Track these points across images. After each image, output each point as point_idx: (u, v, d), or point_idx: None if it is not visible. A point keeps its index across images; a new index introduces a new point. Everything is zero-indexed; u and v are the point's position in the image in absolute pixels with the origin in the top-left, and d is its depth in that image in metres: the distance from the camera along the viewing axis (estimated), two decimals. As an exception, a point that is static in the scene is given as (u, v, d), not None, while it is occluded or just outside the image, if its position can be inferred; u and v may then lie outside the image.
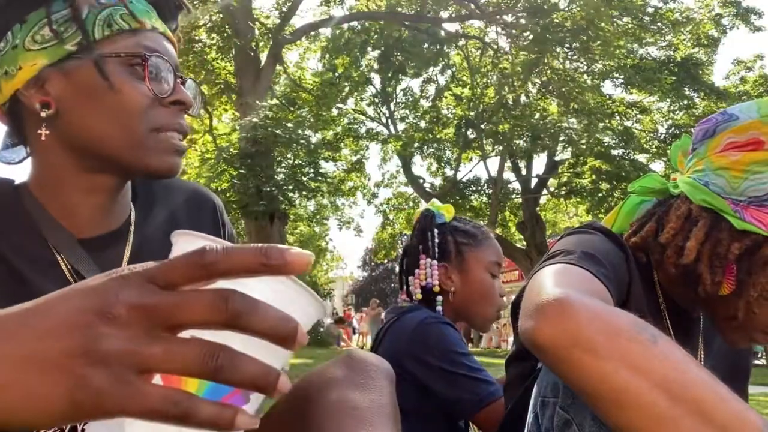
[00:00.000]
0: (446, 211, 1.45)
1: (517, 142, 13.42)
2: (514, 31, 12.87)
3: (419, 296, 1.38)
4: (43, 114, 0.72)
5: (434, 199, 1.54)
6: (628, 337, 0.58)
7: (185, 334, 0.37)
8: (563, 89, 12.57)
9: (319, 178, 12.86)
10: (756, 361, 11.64)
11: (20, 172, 0.80)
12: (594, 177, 13.86)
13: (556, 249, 0.82)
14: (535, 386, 0.79)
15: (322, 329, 14.54)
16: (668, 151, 1.03)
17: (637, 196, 0.97)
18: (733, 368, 1.00)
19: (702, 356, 0.96)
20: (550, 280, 0.67)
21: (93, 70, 0.72)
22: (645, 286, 0.88)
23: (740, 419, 0.55)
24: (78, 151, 0.75)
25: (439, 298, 1.37)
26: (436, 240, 1.40)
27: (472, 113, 13.89)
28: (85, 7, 0.73)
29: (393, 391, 0.73)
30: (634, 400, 0.56)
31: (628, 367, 0.56)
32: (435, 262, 1.37)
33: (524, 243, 15.38)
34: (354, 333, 18.85)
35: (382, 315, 1.49)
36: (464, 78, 15.02)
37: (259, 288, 0.38)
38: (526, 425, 0.78)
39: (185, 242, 0.42)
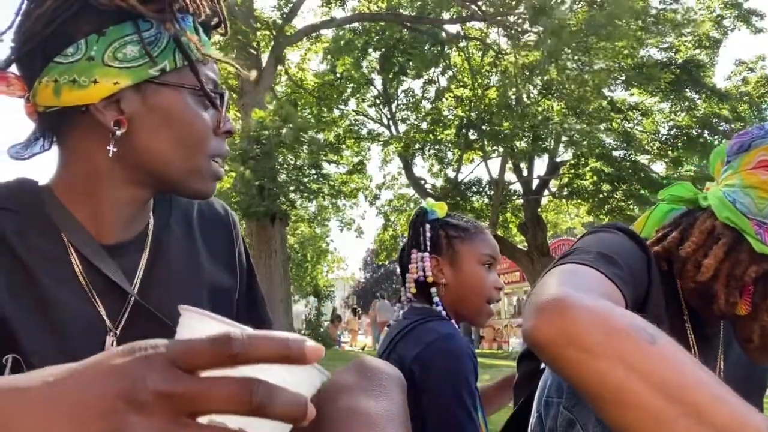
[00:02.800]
0: (438, 208, 1.47)
1: (518, 143, 13.41)
2: (514, 32, 12.87)
3: (413, 290, 1.40)
4: (117, 132, 0.73)
5: (429, 198, 1.58)
6: (624, 335, 0.57)
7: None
8: (564, 90, 12.57)
9: (321, 180, 12.86)
10: None
11: (22, 168, 0.81)
12: (595, 178, 13.84)
13: (574, 247, 0.82)
14: (539, 386, 0.79)
15: (322, 330, 14.53)
16: (669, 152, 1.02)
17: (667, 204, 0.95)
18: (749, 379, 0.99)
19: (721, 366, 0.95)
20: (556, 280, 0.67)
21: (169, 95, 0.75)
22: (667, 292, 0.86)
23: (740, 421, 0.54)
24: (136, 169, 0.77)
25: (434, 290, 1.39)
26: (428, 234, 1.43)
27: (473, 114, 13.88)
28: (171, 31, 0.73)
29: (404, 399, 0.73)
30: (631, 399, 0.55)
31: (624, 366, 0.56)
32: (426, 254, 1.40)
33: (526, 244, 15.36)
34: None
35: (394, 316, 1.48)
36: (465, 79, 15.01)
37: (275, 369, 0.40)
38: (530, 425, 0.78)
39: (196, 321, 0.43)
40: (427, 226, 1.44)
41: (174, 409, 0.37)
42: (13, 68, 0.77)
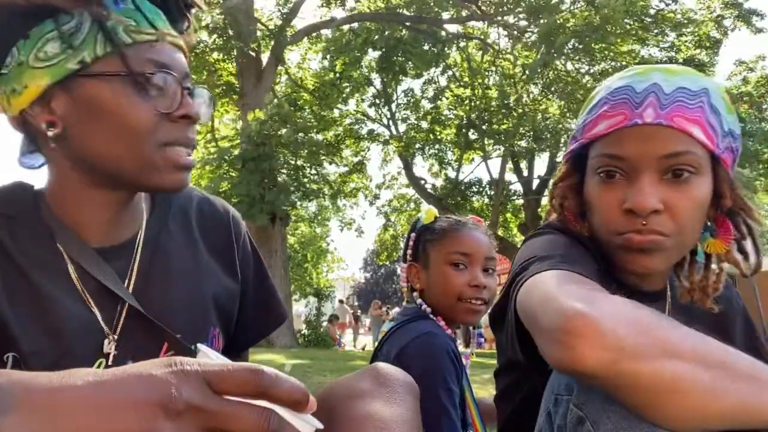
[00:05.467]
0: (426, 214, 1.51)
1: (519, 142, 13.41)
2: (515, 32, 12.87)
3: (406, 295, 1.48)
4: (49, 133, 0.72)
5: (429, 207, 1.62)
6: (654, 326, 0.60)
7: None
8: (565, 90, 12.57)
9: (321, 180, 12.87)
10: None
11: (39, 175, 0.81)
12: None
13: (530, 255, 0.81)
14: (548, 385, 0.79)
15: (322, 330, 14.52)
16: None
17: None
18: None
19: None
20: (555, 293, 0.66)
21: (96, 86, 0.70)
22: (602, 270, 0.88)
23: (755, 366, 0.60)
24: (86, 168, 0.75)
25: (415, 294, 1.45)
26: (410, 243, 1.49)
27: (473, 114, 13.88)
28: (87, 19, 0.70)
29: (417, 406, 0.75)
30: (687, 383, 0.58)
31: (669, 355, 0.58)
32: (404, 264, 1.48)
33: (526, 244, 15.34)
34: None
35: (384, 316, 1.55)
36: (465, 78, 15.02)
37: (280, 410, 0.44)
38: (537, 424, 0.78)
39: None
40: (413, 234, 1.50)
41: (202, 423, 0.41)
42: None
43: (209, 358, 0.47)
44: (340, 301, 19.67)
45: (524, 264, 0.80)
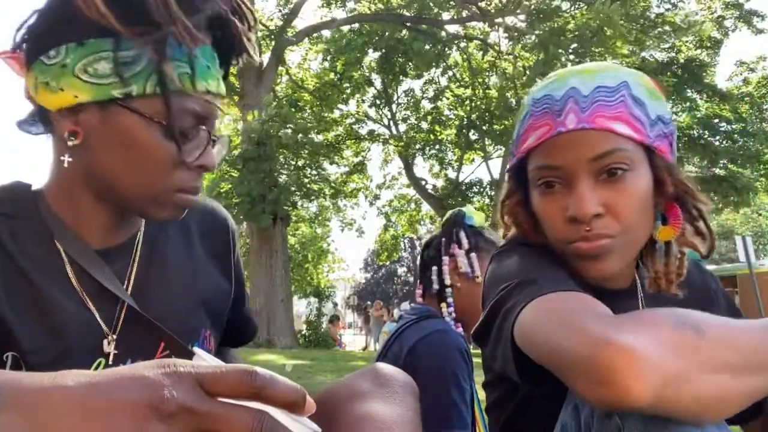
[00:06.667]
0: (476, 216, 1.49)
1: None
2: (516, 34, 12.87)
3: (436, 287, 1.42)
4: (69, 143, 0.72)
5: (469, 206, 1.58)
6: (686, 344, 0.60)
7: None
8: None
9: (320, 181, 12.87)
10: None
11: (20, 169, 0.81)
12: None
13: (509, 277, 0.80)
14: None
15: (322, 330, 14.53)
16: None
17: None
18: None
19: None
20: (575, 323, 0.64)
21: (132, 119, 0.70)
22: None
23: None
24: (91, 180, 0.76)
25: (449, 290, 1.40)
26: (457, 238, 1.44)
27: (474, 114, 13.89)
28: (146, 54, 0.70)
29: (418, 407, 0.75)
30: (731, 395, 0.60)
31: (708, 370, 0.59)
32: (471, 253, 1.42)
33: (526, 245, 15.35)
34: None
35: (385, 317, 1.52)
36: (466, 78, 15.03)
37: (277, 413, 0.43)
38: (561, 418, 0.77)
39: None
40: (458, 230, 1.45)
41: (194, 425, 0.40)
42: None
43: (205, 361, 0.46)
44: (334, 304, 19.65)
45: (508, 288, 0.79)
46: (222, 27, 0.74)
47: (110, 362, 0.76)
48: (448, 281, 1.41)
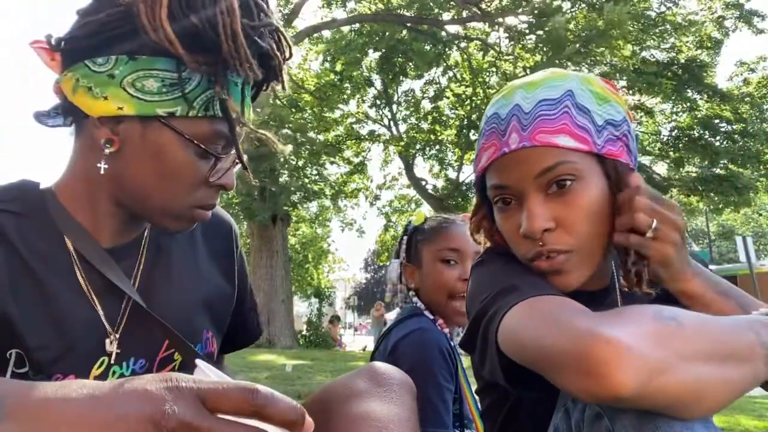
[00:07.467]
0: (416, 216, 1.55)
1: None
2: (517, 35, 12.87)
3: (392, 299, 1.54)
4: (105, 150, 0.73)
5: (419, 209, 1.68)
6: (667, 335, 0.60)
7: None
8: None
9: (321, 181, 12.88)
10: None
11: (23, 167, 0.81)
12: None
13: (491, 288, 0.81)
14: None
15: (323, 330, 14.53)
16: (671, 153, 1.02)
17: None
18: None
19: None
20: (560, 321, 0.65)
21: (169, 138, 0.73)
22: None
23: (747, 339, 0.64)
24: (116, 189, 0.77)
25: (411, 293, 1.48)
26: (404, 246, 1.53)
27: (474, 114, 13.88)
28: (205, 81, 0.73)
29: (414, 406, 0.75)
30: (709, 384, 0.60)
31: (686, 360, 0.60)
32: (397, 261, 1.53)
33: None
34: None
35: (386, 317, 1.60)
36: (466, 78, 15.03)
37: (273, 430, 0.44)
38: (552, 421, 0.78)
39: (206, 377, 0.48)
40: (405, 237, 1.54)
41: None
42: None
43: (207, 375, 0.47)
44: (329, 305, 19.67)
45: (489, 296, 0.79)
46: (268, 61, 0.77)
47: (112, 361, 0.76)
48: (409, 285, 1.50)
